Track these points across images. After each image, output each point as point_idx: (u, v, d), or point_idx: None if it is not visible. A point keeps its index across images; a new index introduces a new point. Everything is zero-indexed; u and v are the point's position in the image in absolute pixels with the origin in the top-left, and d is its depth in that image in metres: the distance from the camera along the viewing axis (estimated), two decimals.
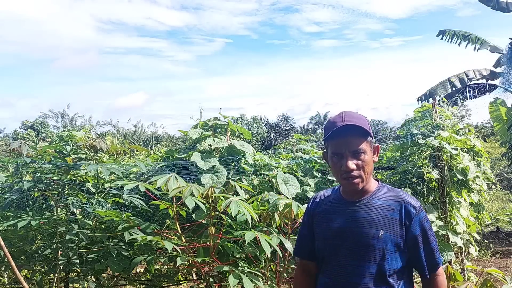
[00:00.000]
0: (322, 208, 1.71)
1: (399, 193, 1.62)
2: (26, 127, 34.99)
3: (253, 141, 33.58)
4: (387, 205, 1.58)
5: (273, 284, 3.09)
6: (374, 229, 1.54)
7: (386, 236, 1.53)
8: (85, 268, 3.57)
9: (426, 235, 1.56)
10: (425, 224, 1.57)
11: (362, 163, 1.54)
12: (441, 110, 4.34)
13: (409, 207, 1.56)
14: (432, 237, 1.58)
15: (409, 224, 1.55)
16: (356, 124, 1.54)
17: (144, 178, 3.85)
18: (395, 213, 1.56)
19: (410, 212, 1.56)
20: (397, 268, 1.55)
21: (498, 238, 6.46)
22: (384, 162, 4.47)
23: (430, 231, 1.58)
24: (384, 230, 1.54)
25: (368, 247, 1.54)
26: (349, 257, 1.57)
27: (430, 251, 1.57)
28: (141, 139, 32.86)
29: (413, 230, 1.55)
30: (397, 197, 1.60)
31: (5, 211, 3.60)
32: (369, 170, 1.57)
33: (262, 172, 3.97)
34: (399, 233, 1.54)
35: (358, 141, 1.55)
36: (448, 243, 3.78)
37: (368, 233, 1.54)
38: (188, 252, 3.02)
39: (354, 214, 1.59)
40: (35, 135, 27.85)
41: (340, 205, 1.65)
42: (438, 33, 11.32)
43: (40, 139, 6.79)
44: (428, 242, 1.57)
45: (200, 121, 4.29)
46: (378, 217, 1.56)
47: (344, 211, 1.62)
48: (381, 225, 1.55)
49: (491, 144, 15.81)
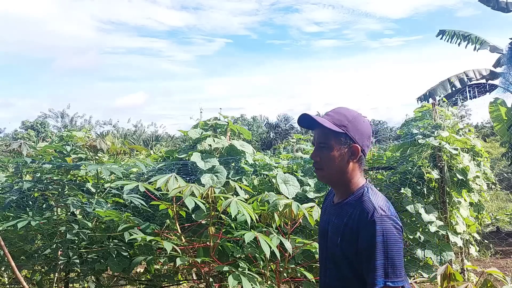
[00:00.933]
0: (323, 207, 1.78)
1: (365, 199, 1.48)
2: (26, 127, 34.98)
3: (253, 141, 33.57)
4: (350, 212, 1.49)
5: (273, 284, 3.09)
6: (336, 236, 1.51)
7: (343, 244, 1.48)
8: (85, 268, 3.57)
9: (371, 249, 1.37)
10: (376, 237, 1.37)
11: (325, 156, 1.54)
12: (441, 110, 4.34)
13: (364, 214, 1.43)
14: (379, 253, 1.37)
15: (359, 234, 1.42)
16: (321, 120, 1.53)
17: (144, 178, 3.85)
18: (351, 221, 1.47)
19: (362, 221, 1.43)
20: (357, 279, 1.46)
21: (498, 238, 6.45)
22: (384, 162, 4.48)
23: (382, 245, 1.37)
24: (340, 237, 1.49)
25: (333, 254, 1.53)
26: (327, 260, 1.59)
27: (371, 269, 1.37)
28: (141, 139, 32.84)
29: (360, 241, 1.42)
30: (360, 203, 1.48)
31: (5, 211, 3.60)
32: (335, 167, 1.54)
33: (262, 172, 3.97)
34: (352, 243, 1.44)
35: (325, 135, 1.54)
36: (448, 243, 3.78)
37: (333, 239, 1.53)
38: (188, 252, 3.02)
39: (331, 218, 1.60)
40: (35, 135, 27.83)
41: (329, 206, 1.68)
42: (438, 33, 11.32)
43: (40, 139, 6.79)
44: (370, 258, 1.38)
45: (200, 121, 4.29)
46: (341, 223, 1.51)
47: (328, 212, 1.65)
48: (340, 231, 1.50)
49: (491, 144, 15.81)
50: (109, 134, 25.28)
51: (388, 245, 1.38)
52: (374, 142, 9.77)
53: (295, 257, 3.27)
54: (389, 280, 1.37)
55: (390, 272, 1.37)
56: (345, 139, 1.53)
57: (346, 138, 1.53)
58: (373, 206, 1.44)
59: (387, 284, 1.36)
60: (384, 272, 1.37)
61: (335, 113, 1.57)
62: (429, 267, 3.77)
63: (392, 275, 1.37)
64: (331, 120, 1.54)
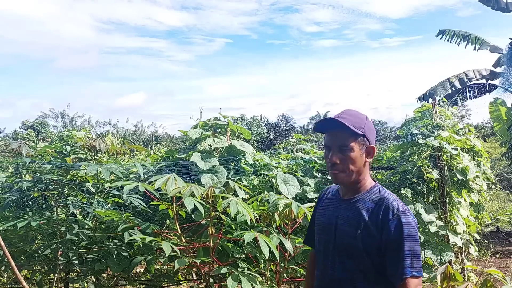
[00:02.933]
0: (323, 203, 1.81)
1: (386, 196, 1.61)
2: (26, 127, 34.98)
3: (253, 141, 33.56)
4: (370, 207, 1.59)
5: (273, 284, 3.09)
6: (354, 228, 1.58)
7: (364, 237, 1.56)
8: (85, 268, 3.56)
9: (400, 241, 1.51)
10: (403, 230, 1.51)
11: (347, 159, 1.60)
12: (441, 110, 4.34)
13: (389, 209, 1.55)
14: (407, 245, 1.50)
15: (384, 228, 1.53)
16: (344, 122, 1.59)
17: (144, 178, 3.85)
18: (373, 215, 1.57)
19: (388, 215, 1.54)
20: (374, 269, 1.57)
21: (498, 238, 6.45)
22: (384, 162, 4.47)
23: (408, 238, 1.51)
24: (361, 230, 1.56)
25: (349, 246, 1.59)
26: (334, 253, 1.64)
27: (400, 259, 1.50)
28: (141, 139, 32.84)
29: (387, 234, 1.53)
30: (381, 199, 1.60)
31: (5, 211, 3.60)
32: (356, 168, 1.62)
33: (262, 172, 3.97)
34: (376, 235, 1.54)
35: (345, 138, 1.60)
36: (448, 243, 3.78)
37: (349, 232, 1.60)
38: (188, 252, 3.02)
39: (342, 212, 1.66)
40: (35, 135, 27.82)
41: (335, 202, 1.74)
42: (438, 33, 11.33)
43: (40, 139, 6.80)
44: (399, 249, 1.51)
45: (200, 121, 4.29)
46: (360, 217, 1.59)
47: (335, 208, 1.71)
48: (360, 225, 1.57)
49: (491, 144, 15.82)
50: (109, 134, 25.28)
51: (412, 237, 1.52)
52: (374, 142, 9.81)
53: (295, 257, 3.27)
54: (415, 270, 1.50)
55: (415, 263, 1.51)
56: (363, 141, 1.63)
57: (364, 140, 1.63)
58: (397, 203, 1.57)
59: (413, 274, 1.49)
60: (411, 263, 1.50)
61: (350, 116, 1.63)
62: (429, 267, 3.77)
63: (417, 265, 1.51)
64: (350, 123, 1.60)
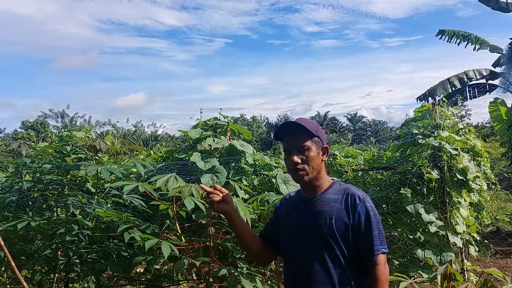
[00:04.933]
0: (286, 208, 1.95)
1: (348, 187, 1.82)
2: (26, 127, 35.00)
3: (253, 141, 33.56)
4: (336, 198, 1.77)
5: (273, 284, 3.09)
6: (326, 219, 1.74)
7: (337, 224, 1.72)
8: (85, 268, 3.56)
9: (369, 223, 1.71)
10: (370, 213, 1.72)
11: (307, 158, 1.77)
12: (441, 110, 4.34)
13: (355, 197, 1.75)
14: (375, 226, 1.72)
15: (354, 213, 1.72)
16: (301, 124, 1.77)
17: (144, 178, 3.84)
18: (342, 204, 1.75)
19: (355, 202, 1.74)
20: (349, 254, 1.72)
21: (498, 238, 6.44)
22: (384, 162, 4.47)
23: (375, 220, 1.73)
24: (334, 219, 1.73)
25: (323, 236, 1.74)
26: (308, 248, 1.77)
27: (372, 239, 1.70)
28: (141, 139, 32.85)
29: (357, 218, 1.72)
30: (345, 190, 1.79)
31: (5, 212, 3.60)
32: (315, 166, 1.79)
33: (262, 172, 3.96)
34: (347, 221, 1.73)
35: (303, 139, 1.78)
36: (448, 243, 3.78)
37: (321, 224, 1.75)
38: (188, 252, 3.02)
39: (310, 209, 1.80)
40: (35, 135, 27.83)
41: (300, 203, 1.88)
42: (437, 33, 11.33)
43: (40, 139, 6.81)
44: (370, 230, 1.71)
45: (200, 121, 4.29)
46: (329, 208, 1.76)
47: (303, 207, 1.84)
48: (331, 215, 1.74)
49: (491, 144, 15.80)
50: (109, 134, 25.28)
51: (377, 219, 1.75)
52: (374, 142, 9.76)
53: None
54: (383, 247, 1.72)
55: (382, 241, 1.73)
56: (318, 141, 1.81)
57: (319, 140, 1.82)
58: (358, 191, 1.79)
59: (382, 251, 1.71)
60: (380, 241, 1.72)
61: (303, 121, 1.81)
62: (429, 267, 3.77)
63: (383, 243, 1.73)
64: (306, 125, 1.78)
